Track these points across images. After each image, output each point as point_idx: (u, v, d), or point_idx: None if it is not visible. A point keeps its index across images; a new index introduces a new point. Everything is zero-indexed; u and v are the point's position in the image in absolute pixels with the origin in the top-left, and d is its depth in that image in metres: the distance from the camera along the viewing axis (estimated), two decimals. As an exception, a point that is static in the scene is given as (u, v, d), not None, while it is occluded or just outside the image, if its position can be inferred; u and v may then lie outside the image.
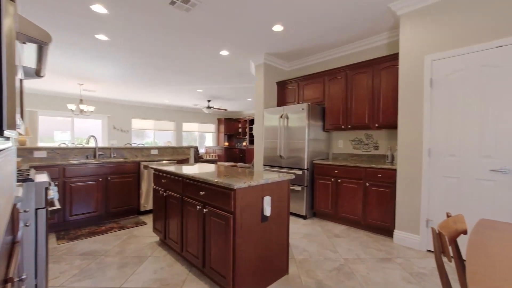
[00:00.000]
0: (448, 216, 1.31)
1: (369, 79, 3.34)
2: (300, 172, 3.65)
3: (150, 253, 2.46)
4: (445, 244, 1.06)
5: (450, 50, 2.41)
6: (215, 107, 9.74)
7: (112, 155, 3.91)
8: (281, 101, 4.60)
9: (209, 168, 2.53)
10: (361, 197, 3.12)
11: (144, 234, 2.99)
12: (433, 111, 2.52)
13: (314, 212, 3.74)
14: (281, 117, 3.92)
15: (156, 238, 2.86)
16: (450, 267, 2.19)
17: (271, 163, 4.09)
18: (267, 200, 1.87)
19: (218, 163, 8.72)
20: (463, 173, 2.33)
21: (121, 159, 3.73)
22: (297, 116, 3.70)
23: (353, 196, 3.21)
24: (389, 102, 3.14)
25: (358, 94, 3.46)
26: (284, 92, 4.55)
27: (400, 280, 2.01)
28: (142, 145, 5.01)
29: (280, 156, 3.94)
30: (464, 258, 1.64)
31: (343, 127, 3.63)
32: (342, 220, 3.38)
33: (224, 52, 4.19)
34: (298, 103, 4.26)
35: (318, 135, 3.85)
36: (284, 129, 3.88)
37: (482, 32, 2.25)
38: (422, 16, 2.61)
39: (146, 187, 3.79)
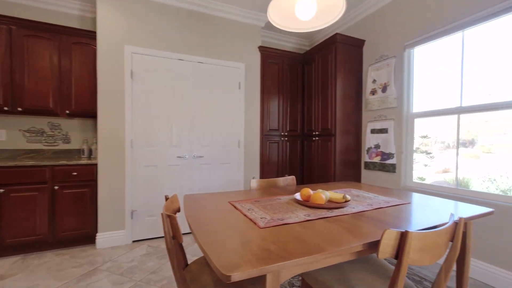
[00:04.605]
0: (167, 198, 1.35)
1: (55, 50, 2.55)
2: None
3: None
4: (176, 226, 1.05)
5: (148, 49, 2.61)
6: None
7: None
8: None
9: None
10: (47, 206, 2.30)
11: None
12: (134, 104, 2.56)
13: None
14: None
15: None
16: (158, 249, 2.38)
17: None
18: None
19: None
20: (160, 161, 2.66)
21: None
22: None
23: (32, 208, 2.25)
24: (85, 86, 2.65)
25: (38, 66, 2.49)
26: None
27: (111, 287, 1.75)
28: None
29: None
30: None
31: (6, 109, 2.40)
32: (13, 249, 2.24)
33: None
34: None
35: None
36: None
37: (170, 44, 2.71)
38: (122, 4, 2.52)
39: None
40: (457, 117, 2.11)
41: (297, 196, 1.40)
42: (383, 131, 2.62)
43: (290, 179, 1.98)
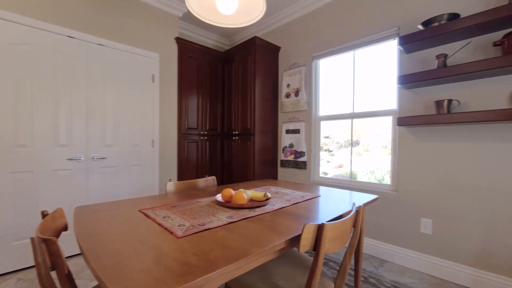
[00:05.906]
0: (45, 214, 1.01)
1: None
2: None
3: None
4: (58, 252, 0.78)
5: (15, 14, 1.93)
6: None
7: None
8: None
9: None
10: None
11: None
12: (-6, 87, 1.86)
13: None
14: None
15: None
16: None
17: None
18: None
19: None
20: (39, 165, 2.02)
21: None
22: None
23: None
24: None
25: None
26: None
27: None
28: None
29: None
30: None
31: None
32: None
33: None
34: None
35: None
36: None
37: (56, 14, 2.12)
38: None
39: None
40: (350, 121, 2.54)
41: (219, 197, 1.33)
42: (296, 131, 2.88)
43: (211, 180, 1.89)
